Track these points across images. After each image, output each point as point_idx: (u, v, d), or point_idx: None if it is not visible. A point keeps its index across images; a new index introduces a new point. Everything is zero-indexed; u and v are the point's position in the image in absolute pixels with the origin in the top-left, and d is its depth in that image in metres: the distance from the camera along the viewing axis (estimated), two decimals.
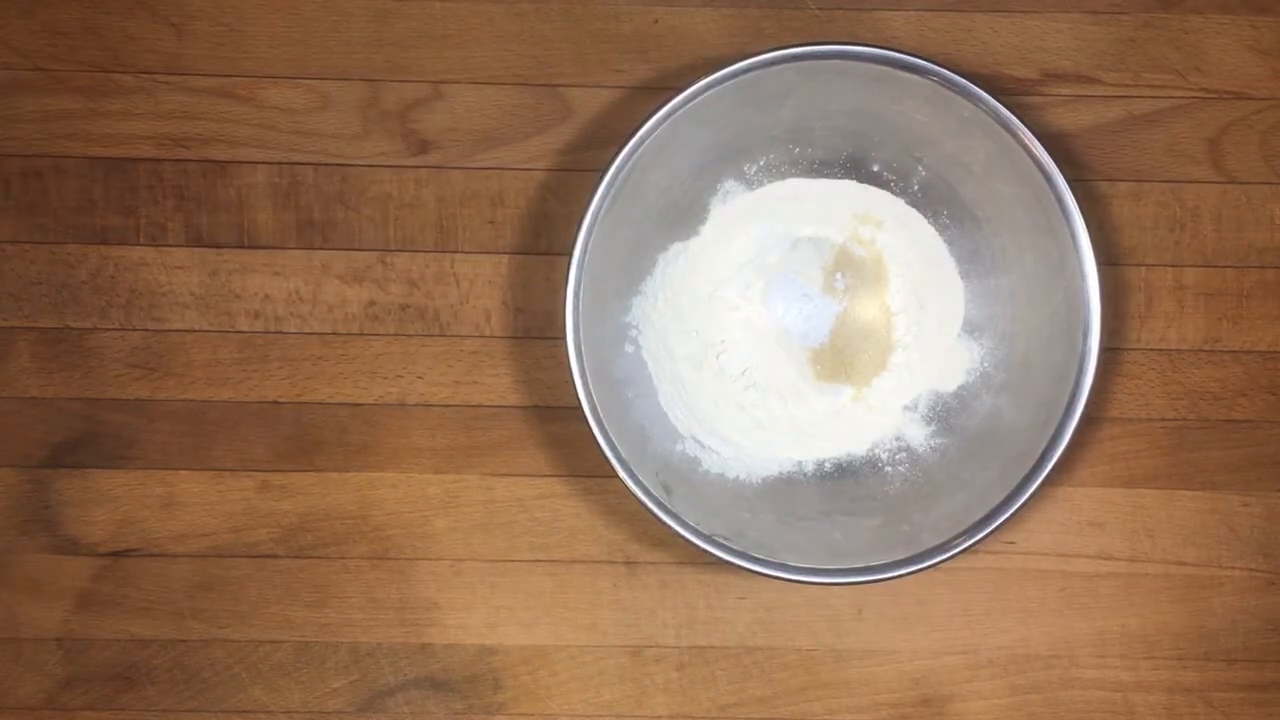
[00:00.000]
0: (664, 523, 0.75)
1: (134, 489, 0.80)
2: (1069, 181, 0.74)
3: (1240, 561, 0.81)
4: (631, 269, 0.78)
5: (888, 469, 0.79)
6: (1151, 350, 0.81)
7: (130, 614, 0.80)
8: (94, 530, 0.80)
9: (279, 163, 0.81)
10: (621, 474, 0.74)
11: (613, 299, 0.78)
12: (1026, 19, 0.81)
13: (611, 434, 0.75)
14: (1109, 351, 0.80)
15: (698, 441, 0.79)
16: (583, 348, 0.75)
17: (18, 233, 0.81)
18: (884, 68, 0.74)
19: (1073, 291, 0.75)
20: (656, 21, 0.81)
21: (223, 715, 0.81)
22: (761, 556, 0.75)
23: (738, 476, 0.79)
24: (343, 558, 0.81)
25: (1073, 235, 0.75)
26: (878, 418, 0.80)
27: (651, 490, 0.75)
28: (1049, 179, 0.74)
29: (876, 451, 0.80)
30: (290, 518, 0.81)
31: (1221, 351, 0.81)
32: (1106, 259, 0.81)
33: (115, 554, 0.80)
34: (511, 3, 0.81)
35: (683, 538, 0.75)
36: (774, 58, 0.74)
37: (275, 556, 0.81)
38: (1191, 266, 0.81)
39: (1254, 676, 0.81)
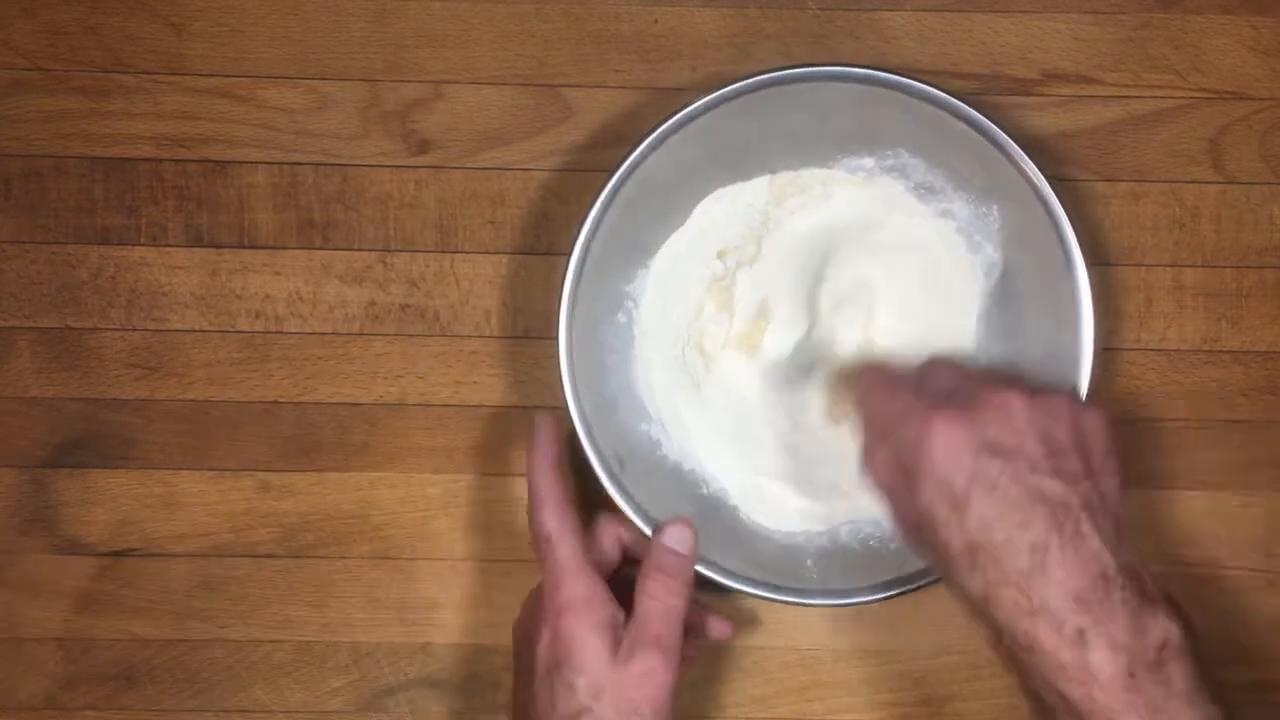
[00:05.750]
0: (613, 498, 0.74)
1: (134, 489, 0.80)
2: (1051, 182, 0.74)
3: (1240, 561, 0.80)
4: (631, 252, 0.78)
5: None
6: (1151, 350, 0.81)
7: (130, 614, 0.80)
8: (94, 530, 0.80)
9: (279, 163, 0.81)
10: (583, 439, 0.74)
11: (614, 272, 0.77)
12: (1026, 19, 0.81)
13: (583, 398, 0.74)
14: (1108, 351, 0.80)
15: (663, 426, 0.78)
16: (575, 320, 0.74)
17: (18, 233, 0.81)
18: (866, 86, 0.74)
19: (1064, 295, 0.74)
20: (656, 21, 0.81)
21: (223, 715, 0.81)
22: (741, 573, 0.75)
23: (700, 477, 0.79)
24: (343, 558, 0.81)
25: (1063, 241, 0.74)
26: None
27: (608, 460, 0.74)
28: (1032, 185, 0.73)
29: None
30: (290, 518, 0.81)
31: (1221, 351, 0.81)
32: (1106, 259, 0.81)
33: (115, 554, 0.80)
34: (511, 3, 0.81)
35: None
36: (753, 84, 0.74)
37: (275, 556, 0.81)
38: (1191, 266, 0.81)
39: (1254, 676, 0.80)
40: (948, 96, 0.73)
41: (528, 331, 0.80)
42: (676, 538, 0.73)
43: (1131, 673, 0.61)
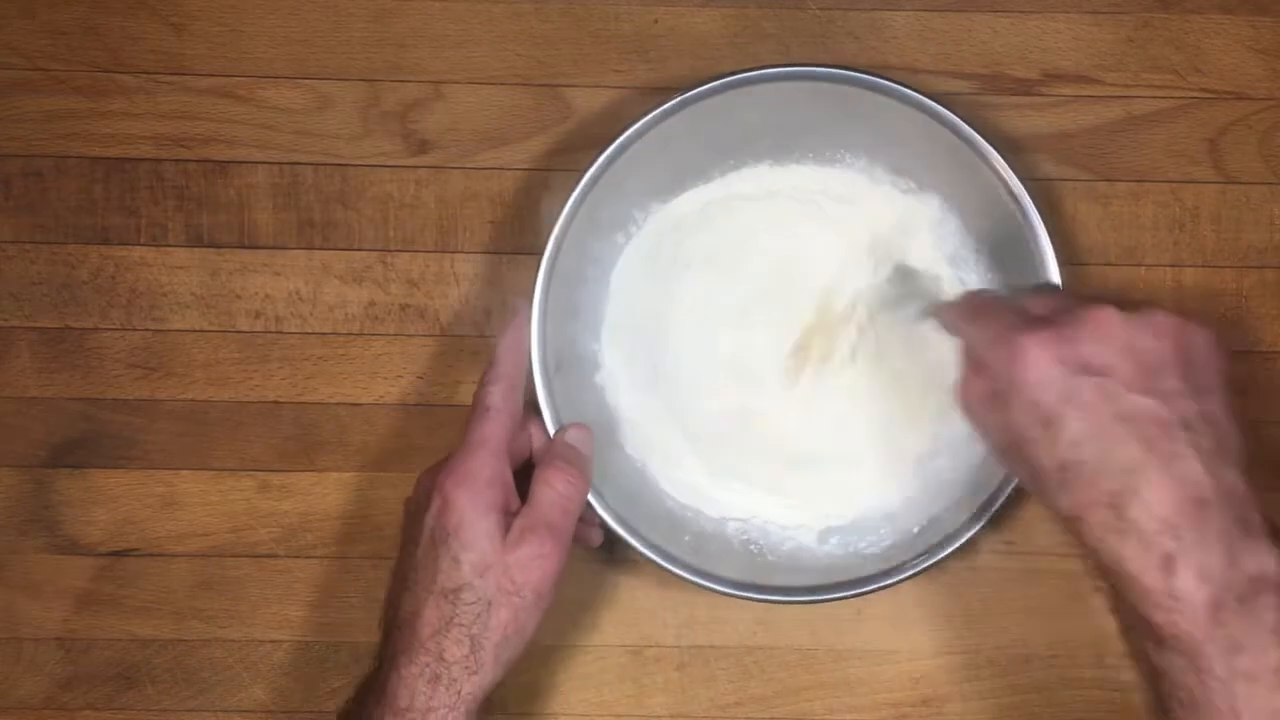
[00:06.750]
0: (537, 393, 0.74)
1: (134, 489, 0.80)
2: (1024, 182, 0.73)
3: None
4: (652, 185, 0.77)
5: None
6: None
7: (130, 614, 0.80)
8: (94, 530, 0.80)
9: (279, 163, 0.81)
10: (533, 328, 0.74)
11: (629, 196, 0.77)
12: (1026, 19, 0.81)
13: (551, 294, 0.74)
14: None
15: (608, 353, 0.78)
16: (573, 221, 0.74)
17: (18, 233, 0.81)
18: (840, 85, 0.74)
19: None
20: (656, 21, 0.81)
21: (223, 715, 0.81)
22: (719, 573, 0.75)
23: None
24: (343, 557, 0.81)
25: (1039, 248, 0.74)
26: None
27: (546, 357, 0.74)
28: (1005, 183, 0.73)
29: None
30: (290, 518, 0.81)
31: None
32: (1105, 259, 0.81)
33: (115, 554, 0.80)
34: (511, 3, 0.81)
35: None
36: (735, 81, 0.74)
37: (275, 556, 0.81)
38: (1191, 266, 0.81)
39: None
40: (921, 97, 0.74)
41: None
42: (577, 437, 0.74)
43: (1218, 603, 0.59)
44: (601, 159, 0.74)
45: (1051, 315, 0.65)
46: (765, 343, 0.79)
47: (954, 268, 0.78)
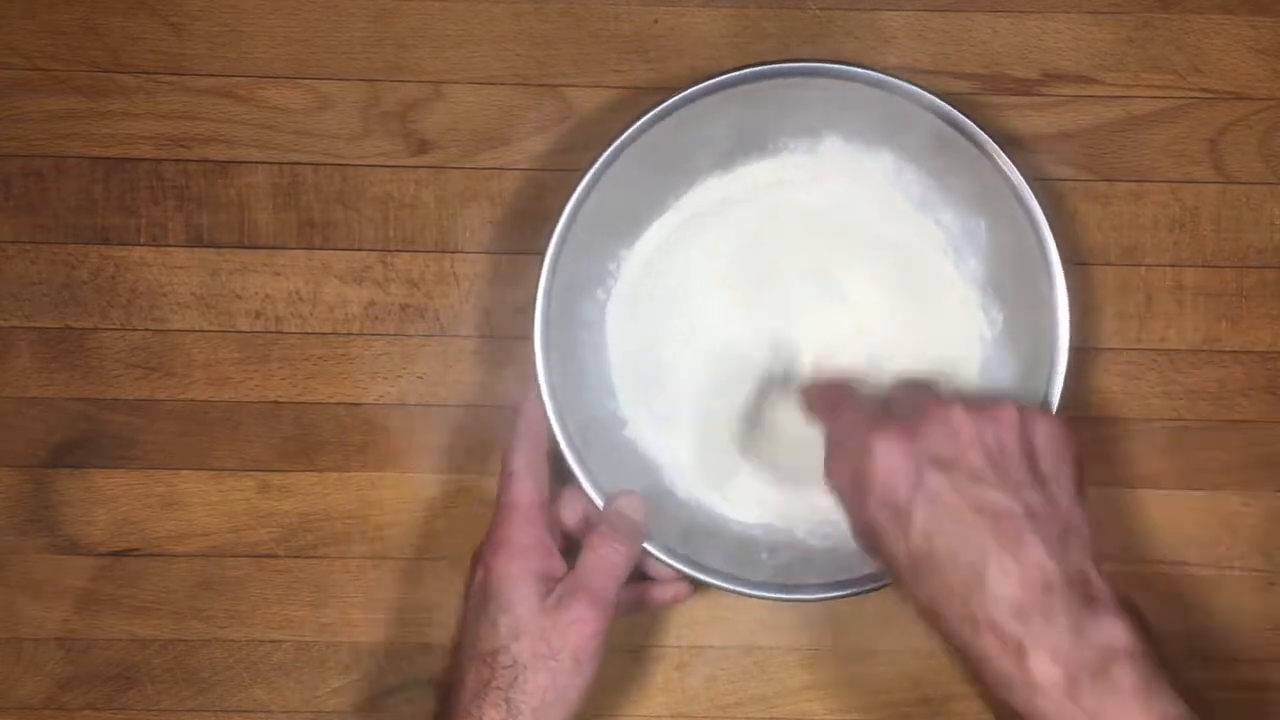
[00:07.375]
0: (572, 468, 0.74)
1: (134, 489, 0.80)
2: (1031, 184, 0.73)
3: (1240, 561, 0.81)
4: (616, 231, 0.78)
5: None
6: (1151, 350, 0.81)
7: (130, 614, 0.80)
8: (94, 530, 0.80)
9: (279, 163, 0.81)
10: (549, 408, 0.73)
11: (599, 248, 0.77)
12: (1026, 19, 0.81)
13: (554, 369, 0.74)
14: (1109, 352, 0.80)
15: (629, 405, 0.78)
16: (553, 290, 0.74)
17: (18, 233, 0.81)
18: (835, 81, 0.74)
19: (1042, 294, 0.74)
20: (656, 21, 0.81)
21: (223, 715, 0.81)
22: (727, 571, 0.75)
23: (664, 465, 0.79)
24: (343, 558, 0.81)
25: (1041, 244, 0.74)
26: None
27: (570, 432, 0.74)
28: (1010, 181, 0.73)
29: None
30: (290, 518, 0.81)
31: (1221, 352, 0.81)
32: (1106, 260, 0.81)
33: (115, 554, 0.80)
34: (511, 3, 0.81)
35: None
36: (737, 77, 0.73)
37: (275, 556, 0.81)
38: (1191, 266, 0.81)
39: (1254, 676, 0.80)
40: (921, 91, 0.74)
41: (528, 331, 0.80)
42: (626, 503, 0.74)
43: (1073, 679, 0.60)
44: (560, 226, 0.73)
45: (898, 408, 0.67)
46: (765, 345, 0.79)
47: (926, 212, 0.77)
